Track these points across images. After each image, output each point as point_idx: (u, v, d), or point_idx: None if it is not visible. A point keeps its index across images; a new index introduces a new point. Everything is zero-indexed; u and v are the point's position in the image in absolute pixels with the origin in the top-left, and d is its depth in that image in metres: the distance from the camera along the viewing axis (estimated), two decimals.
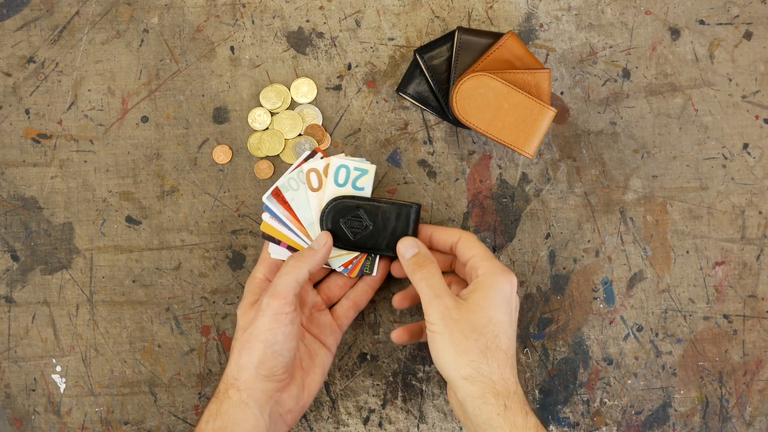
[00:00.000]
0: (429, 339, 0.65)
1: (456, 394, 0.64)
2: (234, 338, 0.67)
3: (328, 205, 0.69)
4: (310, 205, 0.70)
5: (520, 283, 0.76)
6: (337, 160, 0.70)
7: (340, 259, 0.71)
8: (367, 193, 0.71)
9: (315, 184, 0.69)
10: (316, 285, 0.73)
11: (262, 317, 0.64)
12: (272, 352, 0.64)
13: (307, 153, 0.71)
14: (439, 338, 0.63)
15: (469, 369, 0.62)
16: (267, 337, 0.64)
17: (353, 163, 0.70)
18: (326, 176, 0.70)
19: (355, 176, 0.70)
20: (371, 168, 0.70)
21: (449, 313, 0.64)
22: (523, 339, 0.76)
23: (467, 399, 0.62)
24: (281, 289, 0.65)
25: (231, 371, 0.65)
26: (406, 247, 0.68)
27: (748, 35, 0.77)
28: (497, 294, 0.64)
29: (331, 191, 0.70)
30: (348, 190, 0.70)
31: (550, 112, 0.70)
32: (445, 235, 0.69)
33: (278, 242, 0.70)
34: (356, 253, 0.71)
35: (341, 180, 0.70)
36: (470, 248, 0.67)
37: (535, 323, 0.76)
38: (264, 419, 0.64)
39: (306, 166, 0.70)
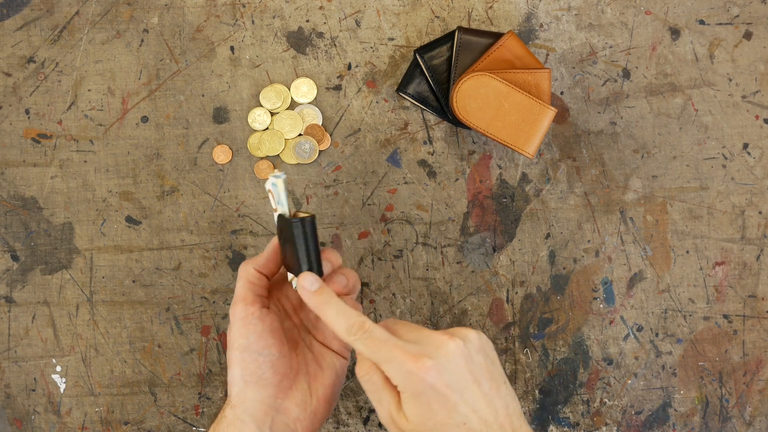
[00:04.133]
0: None
1: None
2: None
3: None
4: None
5: (520, 283, 0.76)
6: (269, 179, 0.63)
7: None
8: (285, 206, 0.63)
9: (273, 205, 0.63)
10: None
11: (231, 327, 0.62)
12: (249, 355, 0.61)
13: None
14: None
15: None
16: (240, 342, 0.62)
17: (271, 178, 0.63)
18: (272, 196, 0.64)
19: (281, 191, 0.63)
20: (278, 180, 0.62)
21: (399, 426, 0.58)
22: (523, 339, 0.76)
23: None
24: (238, 293, 0.63)
25: (228, 389, 0.63)
26: (311, 282, 0.60)
27: (748, 35, 0.77)
28: (418, 398, 0.57)
29: (281, 210, 0.63)
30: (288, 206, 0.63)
31: (550, 112, 0.71)
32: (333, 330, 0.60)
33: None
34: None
35: (280, 197, 0.63)
36: (369, 356, 0.58)
37: (535, 323, 0.76)
38: None
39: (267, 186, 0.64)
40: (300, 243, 0.60)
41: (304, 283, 0.60)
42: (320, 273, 0.61)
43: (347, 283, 0.63)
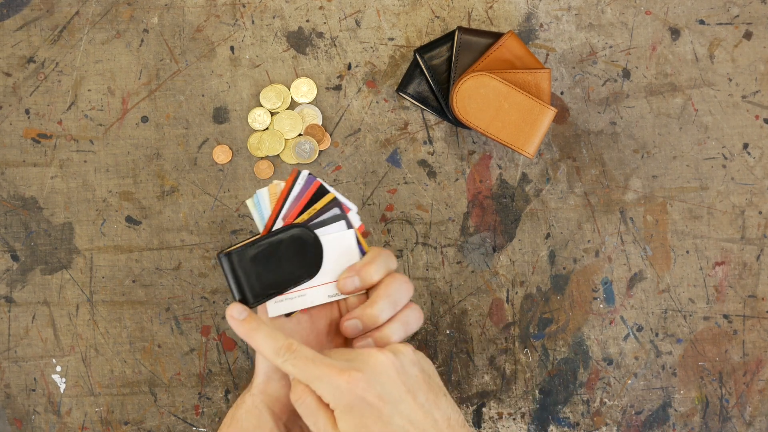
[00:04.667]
0: None
1: None
2: None
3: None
4: None
5: (520, 283, 0.76)
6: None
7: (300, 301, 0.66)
8: (259, 224, 0.65)
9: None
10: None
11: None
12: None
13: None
14: None
15: None
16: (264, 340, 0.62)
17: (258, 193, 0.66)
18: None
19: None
20: (258, 194, 0.65)
21: None
22: (523, 339, 0.76)
23: None
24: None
25: (254, 373, 0.64)
26: (239, 312, 0.60)
27: (748, 35, 0.77)
28: (350, 413, 0.56)
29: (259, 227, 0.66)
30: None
31: (550, 112, 0.71)
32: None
33: None
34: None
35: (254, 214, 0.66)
36: (298, 375, 0.58)
37: (535, 323, 0.76)
38: (280, 428, 0.62)
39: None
40: (227, 274, 0.63)
41: (233, 313, 0.61)
42: (252, 301, 0.63)
43: (359, 284, 0.63)
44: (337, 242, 0.65)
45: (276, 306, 0.64)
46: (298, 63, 0.76)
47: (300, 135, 0.76)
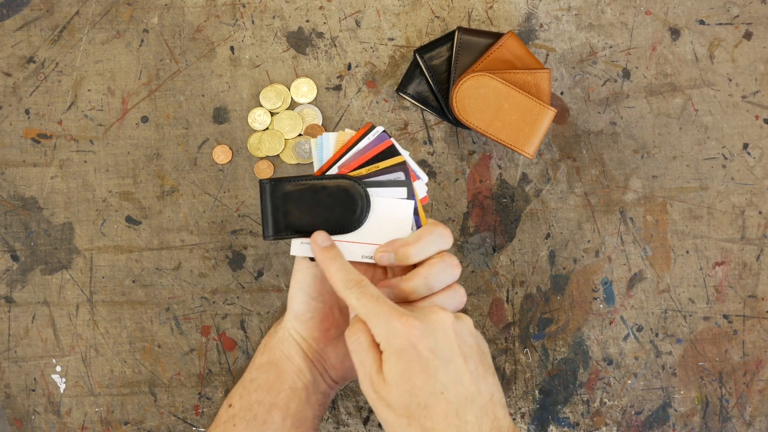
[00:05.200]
0: None
1: None
2: None
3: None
4: None
5: (520, 283, 0.76)
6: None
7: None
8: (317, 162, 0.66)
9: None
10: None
11: (300, 261, 0.66)
12: (302, 293, 0.65)
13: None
14: (378, 416, 0.58)
15: None
16: (297, 278, 0.66)
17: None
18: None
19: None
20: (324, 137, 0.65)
21: (376, 389, 0.58)
22: (523, 339, 0.76)
23: None
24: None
25: (287, 307, 0.67)
26: (323, 239, 0.62)
27: (748, 35, 0.77)
28: (398, 357, 0.56)
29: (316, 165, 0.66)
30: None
31: (550, 112, 0.71)
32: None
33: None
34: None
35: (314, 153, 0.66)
36: (359, 310, 0.59)
37: (535, 323, 0.76)
38: (308, 364, 0.65)
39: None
40: (260, 201, 0.64)
41: (316, 239, 0.62)
42: (271, 234, 0.64)
43: (393, 261, 0.63)
44: (392, 208, 0.63)
45: (300, 246, 0.64)
46: (298, 63, 0.76)
47: (300, 135, 0.76)
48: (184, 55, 0.76)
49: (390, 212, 0.64)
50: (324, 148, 0.64)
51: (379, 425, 0.75)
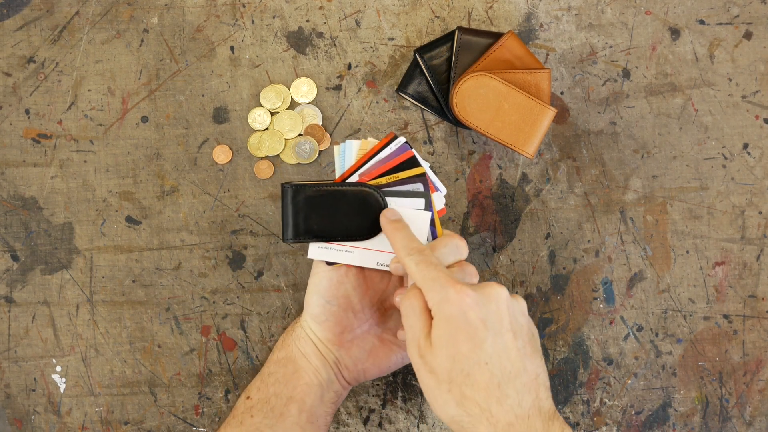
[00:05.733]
0: None
1: None
2: None
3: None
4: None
5: (520, 283, 0.76)
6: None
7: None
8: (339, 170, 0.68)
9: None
10: None
11: (318, 264, 0.69)
12: (318, 296, 0.67)
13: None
14: (420, 381, 0.59)
15: (451, 421, 0.58)
16: (314, 281, 0.68)
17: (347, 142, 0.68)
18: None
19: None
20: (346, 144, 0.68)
21: (422, 354, 0.59)
22: None
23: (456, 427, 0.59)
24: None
25: (303, 308, 0.70)
26: (393, 213, 0.65)
27: (748, 35, 0.77)
28: (448, 322, 0.57)
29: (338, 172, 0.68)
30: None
31: (550, 112, 0.71)
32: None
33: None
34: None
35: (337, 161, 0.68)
36: (416, 275, 0.60)
37: (535, 323, 0.76)
38: (323, 361, 0.67)
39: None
40: (282, 204, 0.66)
41: (387, 213, 0.64)
42: (290, 237, 0.66)
43: (403, 272, 0.65)
44: (409, 218, 0.65)
45: (317, 250, 0.66)
46: (298, 63, 0.76)
47: (300, 135, 0.76)
48: (184, 55, 0.76)
49: (408, 222, 0.65)
50: (346, 156, 0.66)
51: (380, 425, 0.75)
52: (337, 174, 0.66)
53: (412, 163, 0.65)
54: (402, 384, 0.75)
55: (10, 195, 0.76)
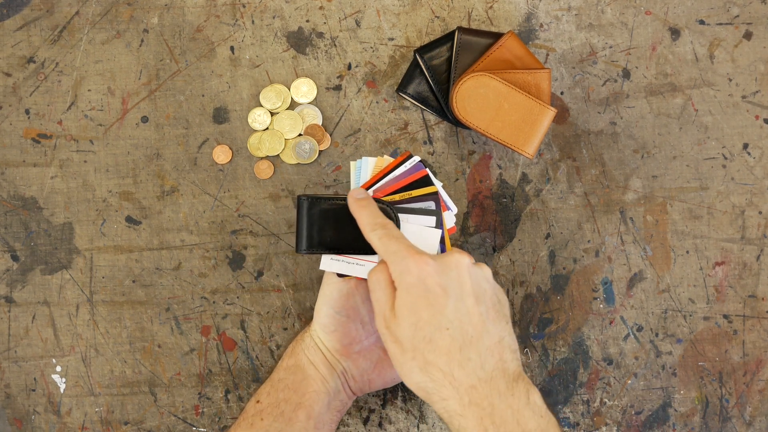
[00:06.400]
0: None
1: None
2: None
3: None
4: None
5: (520, 283, 0.76)
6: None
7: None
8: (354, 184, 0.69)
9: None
10: None
11: (330, 275, 0.69)
12: (328, 306, 0.68)
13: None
14: (388, 352, 0.60)
15: (417, 388, 0.59)
16: (324, 291, 0.69)
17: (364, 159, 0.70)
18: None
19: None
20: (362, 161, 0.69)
21: (387, 325, 0.60)
22: (524, 339, 0.76)
23: (427, 402, 0.61)
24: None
25: (314, 317, 0.70)
26: (359, 192, 0.66)
27: (748, 35, 0.77)
28: (408, 292, 0.58)
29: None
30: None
31: (550, 112, 0.70)
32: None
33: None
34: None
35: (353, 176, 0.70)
36: (380, 248, 0.62)
37: (535, 323, 0.76)
38: (330, 370, 0.68)
39: None
40: (297, 215, 0.67)
41: (353, 193, 0.66)
42: (304, 248, 0.67)
43: None
44: (419, 235, 0.66)
45: (329, 262, 0.67)
46: (298, 63, 0.76)
47: (300, 135, 0.76)
48: (184, 55, 0.76)
49: (417, 239, 0.66)
50: (362, 172, 0.68)
51: (380, 425, 0.75)
52: (352, 189, 0.68)
53: (425, 181, 0.66)
54: (402, 384, 0.75)
55: (10, 195, 0.76)
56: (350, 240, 0.66)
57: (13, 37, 0.76)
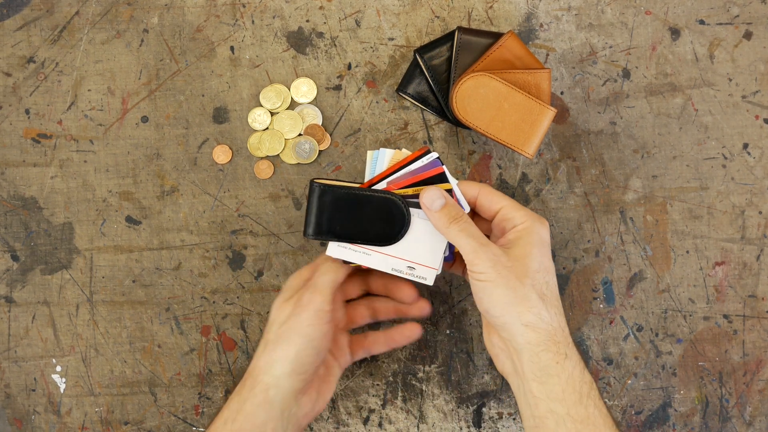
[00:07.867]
0: (478, 289, 0.62)
1: (512, 342, 0.62)
2: (266, 331, 0.66)
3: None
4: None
5: None
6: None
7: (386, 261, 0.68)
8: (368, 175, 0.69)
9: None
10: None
11: (303, 311, 0.64)
12: (311, 348, 0.64)
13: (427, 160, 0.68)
14: (492, 286, 0.61)
15: (531, 316, 0.61)
16: (307, 332, 0.64)
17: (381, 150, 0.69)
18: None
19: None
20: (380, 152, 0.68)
21: (499, 260, 0.62)
22: None
23: (526, 347, 0.61)
24: (322, 287, 0.65)
25: (261, 364, 0.64)
26: (432, 198, 0.64)
27: (748, 35, 0.77)
28: (539, 240, 0.63)
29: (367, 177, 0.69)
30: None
31: (550, 112, 0.71)
32: (464, 189, 0.67)
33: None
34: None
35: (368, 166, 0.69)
36: (495, 200, 0.65)
37: None
38: (283, 423, 0.64)
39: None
40: (308, 200, 0.67)
41: (427, 198, 0.65)
42: (312, 234, 0.66)
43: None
44: (429, 231, 0.66)
45: (337, 248, 0.67)
46: (298, 63, 0.76)
47: (300, 135, 0.76)
48: (184, 55, 0.76)
49: (426, 235, 0.66)
50: (378, 163, 0.67)
51: (380, 425, 0.75)
52: (366, 179, 0.67)
53: (441, 178, 0.66)
54: (402, 384, 0.75)
55: (10, 195, 0.76)
56: (359, 230, 0.66)
57: (13, 37, 0.76)
